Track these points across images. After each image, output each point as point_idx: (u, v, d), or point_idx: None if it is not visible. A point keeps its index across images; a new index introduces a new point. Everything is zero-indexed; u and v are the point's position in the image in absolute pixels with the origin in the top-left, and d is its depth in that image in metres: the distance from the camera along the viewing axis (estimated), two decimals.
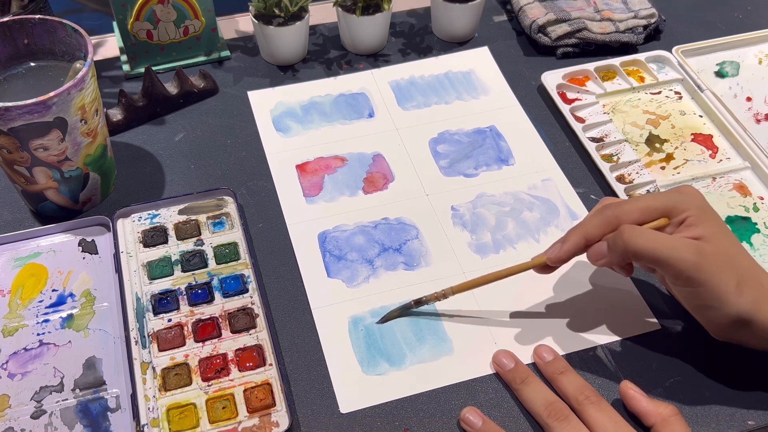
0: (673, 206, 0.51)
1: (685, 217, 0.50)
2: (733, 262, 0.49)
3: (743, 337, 0.51)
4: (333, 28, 0.82)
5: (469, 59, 0.79)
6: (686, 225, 0.50)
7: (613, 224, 0.51)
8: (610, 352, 0.56)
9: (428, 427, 0.52)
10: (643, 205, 0.51)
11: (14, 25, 0.58)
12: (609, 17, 0.80)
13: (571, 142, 0.71)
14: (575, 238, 0.52)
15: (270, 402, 0.52)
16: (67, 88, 0.54)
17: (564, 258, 0.52)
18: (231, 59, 0.79)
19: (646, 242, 0.49)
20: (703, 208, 0.51)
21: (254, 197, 0.66)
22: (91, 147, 0.60)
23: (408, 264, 0.61)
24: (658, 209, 0.51)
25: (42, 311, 0.57)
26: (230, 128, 0.72)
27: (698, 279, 0.48)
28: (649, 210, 0.51)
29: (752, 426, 0.52)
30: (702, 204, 0.51)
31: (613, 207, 0.52)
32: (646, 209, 0.51)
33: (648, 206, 0.51)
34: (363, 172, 0.68)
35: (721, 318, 0.49)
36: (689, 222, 0.50)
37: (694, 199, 0.51)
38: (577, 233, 0.52)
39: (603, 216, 0.52)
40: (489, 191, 0.67)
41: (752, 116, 0.74)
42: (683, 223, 0.50)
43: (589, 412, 0.50)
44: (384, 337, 0.56)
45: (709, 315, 0.50)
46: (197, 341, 0.55)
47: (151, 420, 0.51)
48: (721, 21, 0.86)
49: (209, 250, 0.60)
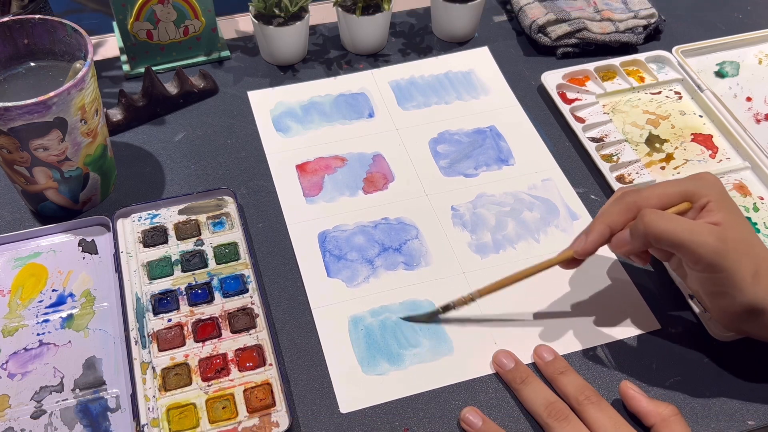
0: (693, 192, 0.51)
1: (706, 202, 0.50)
2: (751, 251, 0.48)
3: (752, 328, 0.50)
4: (333, 28, 0.82)
5: (469, 59, 0.79)
6: (707, 210, 0.50)
7: (633, 211, 0.51)
8: (610, 352, 0.56)
9: (428, 427, 0.52)
10: (663, 191, 0.51)
11: (14, 25, 0.58)
12: (609, 17, 0.80)
13: (571, 142, 0.71)
14: (599, 227, 0.52)
15: (270, 402, 0.52)
16: (67, 88, 0.54)
17: (591, 250, 0.52)
18: (231, 59, 0.79)
19: (666, 225, 0.48)
20: (723, 194, 0.51)
21: (254, 197, 0.66)
22: (91, 147, 0.60)
23: (408, 264, 0.61)
24: (678, 194, 0.51)
25: (42, 311, 0.57)
26: (230, 128, 0.72)
27: (719, 265, 0.47)
28: (669, 195, 0.51)
29: (752, 426, 0.52)
30: (722, 190, 0.51)
31: (632, 194, 0.52)
32: (666, 195, 0.51)
33: (667, 192, 0.51)
34: (363, 172, 0.68)
35: (734, 306, 0.49)
36: (710, 207, 0.50)
37: (714, 185, 0.51)
38: (600, 223, 0.52)
39: (624, 203, 0.51)
40: (489, 191, 0.67)
41: (752, 116, 0.74)
42: (704, 209, 0.50)
43: (589, 412, 0.50)
44: (384, 337, 0.56)
45: (723, 302, 0.50)
46: (197, 341, 0.55)
47: (151, 420, 0.51)
48: (721, 21, 0.86)
49: (209, 250, 0.60)
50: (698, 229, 0.48)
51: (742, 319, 0.50)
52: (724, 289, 0.49)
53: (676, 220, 0.49)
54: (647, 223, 0.49)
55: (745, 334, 0.52)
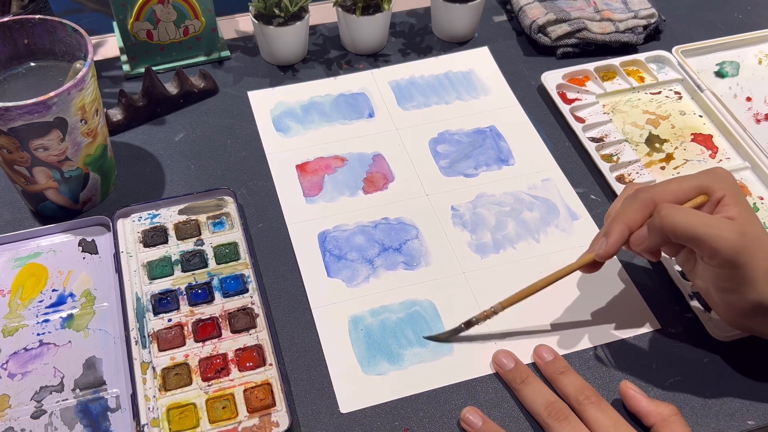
0: (708, 186, 0.50)
1: (721, 196, 0.50)
2: (765, 248, 0.48)
3: (757, 325, 0.50)
4: (333, 28, 0.82)
5: (469, 59, 0.79)
6: (722, 205, 0.50)
7: (650, 207, 0.50)
8: (610, 352, 0.56)
9: (428, 427, 0.52)
10: (677, 186, 0.51)
11: (14, 25, 0.58)
12: (609, 17, 0.80)
13: (571, 142, 0.71)
14: (618, 227, 0.51)
15: (270, 402, 0.52)
16: (67, 88, 0.54)
17: (612, 251, 0.51)
18: (231, 59, 0.79)
19: (683, 219, 0.48)
20: (737, 189, 0.50)
21: (254, 197, 0.66)
22: (91, 147, 0.60)
23: (408, 264, 0.61)
24: (693, 189, 0.51)
25: (42, 311, 0.57)
26: (230, 128, 0.72)
27: (737, 260, 0.47)
28: (684, 191, 0.51)
29: (752, 426, 0.52)
30: (736, 185, 0.51)
31: (646, 190, 0.51)
32: (681, 190, 0.51)
33: (682, 187, 0.51)
34: (363, 172, 0.68)
35: (743, 302, 0.49)
36: (725, 202, 0.49)
37: (728, 179, 0.51)
38: (619, 223, 0.51)
39: (639, 201, 0.51)
40: (489, 191, 0.67)
41: (752, 116, 0.74)
42: (719, 203, 0.50)
43: (589, 412, 0.50)
44: (384, 337, 0.56)
45: (732, 298, 0.49)
46: (197, 341, 0.55)
47: (151, 420, 0.51)
48: (721, 21, 0.86)
49: (209, 250, 0.61)
50: (717, 224, 0.47)
51: (748, 315, 0.49)
52: (736, 285, 0.48)
53: (694, 215, 0.48)
54: (664, 218, 0.48)
55: (747, 330, 0.52)
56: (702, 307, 0.58)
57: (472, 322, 0.55)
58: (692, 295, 0.58)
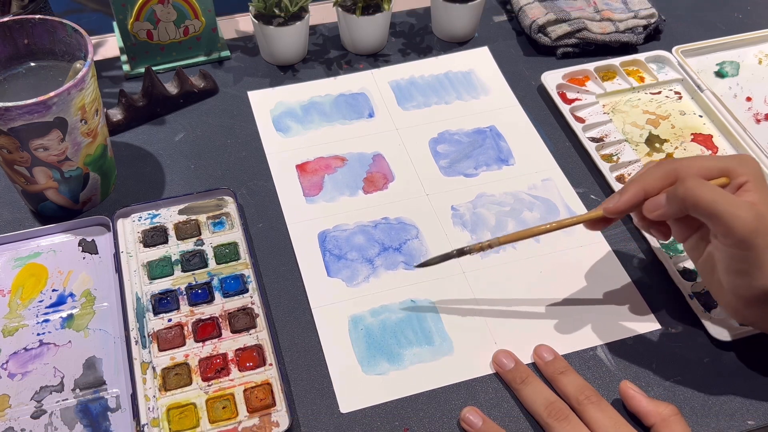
0: (733, 169, 0.50)
1: (744, 181, 0.50)
2: None
3: (762, 317, 0.50)
4: (333, 28, 0.82)
5: (469, 59, 0.80)
6: (744, 190, 0.50)
7: (672, 178, 0.50)
8: (610, 352, 0.56)
9: (428, 427, 0.52)
10: (703, 163, 0.51)
11: (14, 25, 0.58)
12: (609, 17, 0.80)
13: (571, 142, 0.71)
14: (634, 189, 0.51)
15: (270, 402, 0.52)
16: (67, 88, 0.54)
17: (622, 209, 0.51)
18: (231, 59, 0.79)
19: (706, 193, 0.47)
20: (761, 176, 0.50)
21: (254, 197, 0.66)
22: (91, 147, 0.60)
23: (408, 263, 0.61)
24: (717, 169, 0.51)
25: (42, 311, 0.57)
26: (230, 128, 0.72)
27: (751, 242, 0.47)
28: (709, 169, 0.51)
29: (752, 426, 0.52)
30: (760, 172, 0.51)
31: (671, 162, 0.51)
32: (706, 168, 0.51)
33: (707, 165, 0.51)
34: (363, 172, 0.68)
35: (751, 288, 0.48)
36: (747, 187, 0.50)
37: (753, 166, 0.51)
38: (636, 185, 0.51)
39: (662, 169, 0.51)
40: (489, 191, 0.67)
41: (752, 116, 0.74)
42: (741, 187, 0.50)
43: (589, 412, 0.50)
44: (384, 336, 0.56)
45: (741, 282, 0.49)
46: (197, 341, 0.55)
47: (151, 420, 0.51)
48: (721, 21, 0.86)
49: (209, 250, 0.61)
50: (737, 203, 0.47)
51: (752, 304, 0.49)
52: (746, 267, 0.48)
53: (716, 191, 0.48)
54: (689, 189, 0.48)
55: (750, 323, 0.52)
56: (702, 307, 0.58)
57: (465, 251, 0.55)
58: (692, 295, 0.58)
